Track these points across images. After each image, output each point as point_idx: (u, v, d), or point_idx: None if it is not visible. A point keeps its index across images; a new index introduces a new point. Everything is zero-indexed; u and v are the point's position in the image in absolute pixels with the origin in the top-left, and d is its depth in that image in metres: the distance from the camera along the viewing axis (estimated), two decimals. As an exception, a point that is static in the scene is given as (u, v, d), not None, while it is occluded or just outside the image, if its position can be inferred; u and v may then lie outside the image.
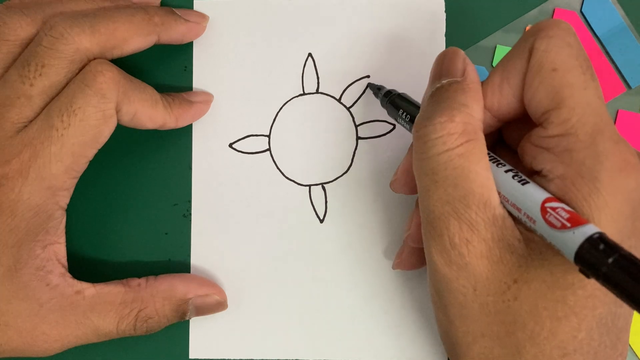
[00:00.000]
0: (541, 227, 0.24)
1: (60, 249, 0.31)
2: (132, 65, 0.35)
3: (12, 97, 0.29)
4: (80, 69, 0.30)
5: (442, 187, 0.26)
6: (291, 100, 0.35)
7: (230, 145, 0.35)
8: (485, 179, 0.25)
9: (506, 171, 0.26)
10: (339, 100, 0.35)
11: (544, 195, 0.24)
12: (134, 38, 0.32)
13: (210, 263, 0.35)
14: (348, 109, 0.35)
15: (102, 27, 0.30)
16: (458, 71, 0.28)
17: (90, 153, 0.31)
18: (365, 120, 0.35)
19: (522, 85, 0.26)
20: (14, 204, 0.29)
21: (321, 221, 0.35)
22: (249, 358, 0.35)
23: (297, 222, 0.35)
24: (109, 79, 0.30)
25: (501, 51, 0.35)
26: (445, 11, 0.35)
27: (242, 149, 0.35)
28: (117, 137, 0.32)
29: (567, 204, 0.24)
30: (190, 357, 0.35)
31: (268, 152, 0.35)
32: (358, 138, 0.35)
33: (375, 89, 0.34)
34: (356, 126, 0.35)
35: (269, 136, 0.35)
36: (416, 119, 0.27)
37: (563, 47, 0.25)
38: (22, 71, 0.29)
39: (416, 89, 0.35)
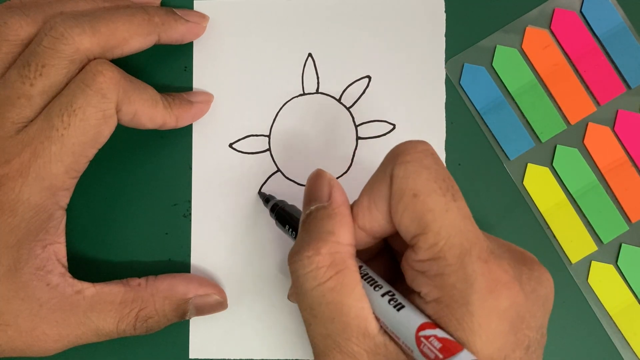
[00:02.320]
0: (418, 357, 0.24)
1: (60, 249, 0.31)
2: (132, 65, 0.35)
3: (12, 97, 0.29)
4: (81, 69, 0.30)
5: (321, 322, 0.25)
6: (291, 100, 0.35)
7: (231, 145, 0.35)
8: (359, 309, 0.25)
9: (383, 295, 0.25)
10: (339, 100, 0.35)
11: (418, 321, 0.24)
12: (134, 38, 0.32)
13: (210, 263, 0.35)
14: (348, 109, 0.35)
15: (103, 27, 0.30)
16: (324, 195, 0.27)
17: (91, 153, 0.31)
18: (365, 120, 0.35)
19: (389, 210, 0.26)
20: (14, 204, 0.29)
21: (321, 221, 0.35)
22: (248, 358, 0.34)
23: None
24: (109, 79, 0.30)
25: (501, 51, 0.35)
26: (445, 11, 0.35)
27: (242, 149, 0.35)
28: (117, 137, 0.32)
29: (444, 328, 0.24)
30: (190, 357, 0.35)
31: (268, 152, 0.35)
32: (358, 138, 0.35)
33: (264, 200, 0.34)
34: (356, 126, 0.35)
35: (269, 136, 0.35)
36: (289, 252, 0.27)
37: (421, 171, 0.25)
38: (22, 71, 0.29)
39: (416, 88, 0.35)
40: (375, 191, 0.26)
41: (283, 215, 0.32)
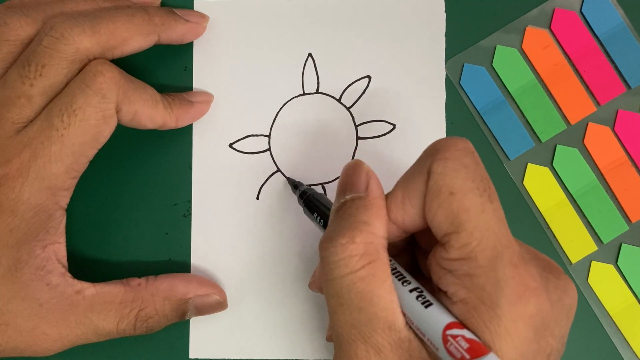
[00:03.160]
0: (444, 355, 0.24)
1: (60, 249, 0.31)
2: (132, 65, 0.35)
3: (12, 97, 0.29)
4: (81, 69, 0.30)
5: (347, 311, 0.25)
6: (291, 100, 0.35)
7: (231, 145, 0.35)
8: (388, 302, 0.25)
9: (411, 290, 0.25)
10: (339, 100, 0.35)
11: (446, 320, 0.24)
12: (134, 38, 0.32)
13: (210, 263, 0.35)
14: (348, 109, 0.35)
15: (103, 27, 0.30)
16: (361, 185, 0.27)
17: (91, 153, 0.31)
18: (365, 120, 0.35)
19: (424, 206, 0.26)
20: (15, 204, 0.29)
21: (321, 221, 0.35)
22: (248, 358, 0.34)
23: (297, 222, 0.35)
24: (109, 79, 0.30)
25: (501, 51, 0.35)
26: (445, 11, 0.35)
27: (242, 149, 0.35)
28: (117, 137, 0.32)
29: (470, 329, 0.24)
30: (190, 357, 0.35)
31: (268, 152, 0.35)
32: (358, 138, 0.35)
33: (293, 186, 0.34)
34: (356, 126, 0.35)
35: (269, 136, 0.35)
36: (321, 239, 0.27)
37: (459, 170, 0.25)
38: (22, 71, 0.29)
39: (416, 88, 0.35)
40: (410, 185, 0.26)
41: (313, 202, 0.32)
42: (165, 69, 0.36)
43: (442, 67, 0.35)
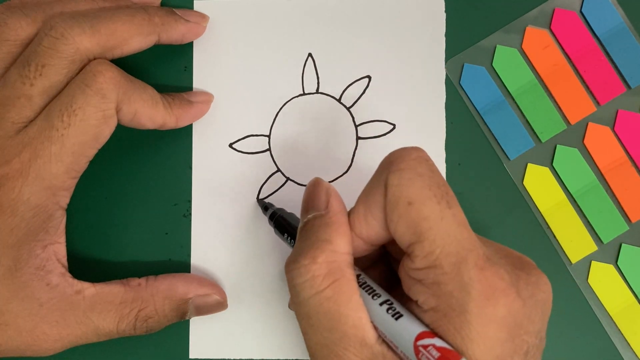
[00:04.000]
0: None
1: (60, 249, 0.31)
2: (132, 65, 0.35)
3: (12, 97, 0.29)
4: (81, 69, 0.30)
5: (318, 331, 0.25)
6: (291, 100, 0.35)
7: (231, 145, 0.35)
8: (357, 319, 0.25)
9: (381, 303, 0.25)
10: (339, 101, 0.35)
11: (417, 330, 0.24)
12: (134, 38, 0.32)
13: (210, 263, 0.35)
14: (348, 109, 0.35)
15: (103, 27, 0.30)
16: (321, 203, 0.27)
17: (91, 153, 0.31)
18: (365, 120, 0.35)
19: (385, 218, 0.26)
20: (15, 204, 0.29)
21: (321, 221, 0.35)
22: (249, 358, 0.34)
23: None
24: (109, 79, 0.30)
25: (501, 51, 0.35)
26: (445, 11, 0.35)
27: (242, 149, 0.35)
28: (117, 137, 0.32)
29: (442, 336, 0.24)
30: (190, 357, 0.35)
31: (268, 152, 0.35)
32: (358, 138, 0.35)
33: (263, 208, 0.34)
34: (356, 126, 0.35)
35: (269, 136, 0.35)
36: (286, 261, 0.27)
37: (415, 179, 0.25)
38: (22, 71, 0.29)
39: (416, 88, 0.35)
40: (370, 199, 0.26)
41: (281, 223, 0.32)
42: (165, 68, 0.36)
43: (442, 67, 0.35)
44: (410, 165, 0.25)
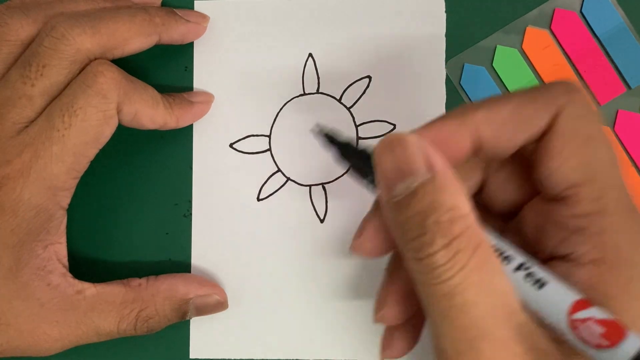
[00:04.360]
0: (574, 342, 0.21)
1: (60, 249, 0.31)
2: (132, 65, 0.35)
3: (13, 98, 0.29)
4: (81, 69, 0.30)
5: (462, 312, 0.21)
6: (292, 101, 0.36)
7: (231, 145, 0.35)
8: (504, 286, 0.22)
9: (515, 269, 0.22)
10: (339, 101, 0.35)
11: (568, 300, 0.21)
12: (135, 38, 0.32)
13: (210, 263, 0.35)
14: (348, 109, 0.35)
15: (103, 27, 0.30)
16: (420, 166, 0.22)
17: (92, 153, 0.31)
18: (365, 121, 0.35)
19: (541, 146, 0.23)
20: (16, 204, 0.29)
21: (322, 221, 0.35)
22: (249, 358, 0.35)
23: (298, 222, 0.35)
24: (110, 80, 0.30)
25: (501, 51, 0.35)
26: (446, 11, 0.35)
27: (243, 149, 0.35)
28: (118, 137, 0.32)
29: (602, 294, 0.21)
30: (190, 357, 0.35)
31: (268, 152, 0.35)
32: (358, 138, 0.35)
33: (327, 138, 0.26)
34: (356, 126, 0.35)
35: (269, 136, 0.35)
36: (404, 246, 0.22)
37: (594, 116, 0.23)
38: (23, 71, 0.29)
39: (416, 88, 0.35)
40: (526, 114, 0.23)
41: (368, 161, 0.24)
42: (166, 69, 0.36)
43: (442, 67, 0.35)
44: (588, 101, 0.23)
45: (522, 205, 0.26)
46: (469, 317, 0.21)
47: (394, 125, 0.35)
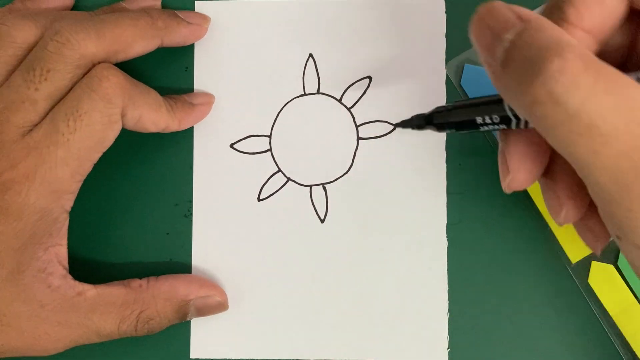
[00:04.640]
0: None
1: (61, 251, 0.31)
2: (133, 66, 0.35)
3: (17, 102, 0.29)
4: (85, 73, 0.30)
5: (604, 137, 0.20)
6: (292, 101, 0.36)
7: (232, 146, 0.36)
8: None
9: None
10: (339, 101, 0.35)
11: None
12: (138, 42, 0.32)
13: (211, 263, 0.35)
14: (349, 109, 0.35)
15: (107, 31, 0.30)
16: (512, 20, 0.22)
17: (96, 156, 0.31)
18: (366, 121, 0.35)
19: None
20: (21, 208, 0.29)
21: (322, 221, 0.35)
22: (249, 358, 0.35)
23: (298, 222, 0.35)
24: (115, 84, 0.30)
25: (501, 51, 0.35)
26: (446, 11, 0.35)
27: (243, 150, 0.36)
28: (119, 137, 0.32)
29: None
30: (191, 357, 0.35)
31: (269, 152, 0.35)
32: (359, 138, 0.35)
33: (422, 120, 0.29)
34: (357, 126, 0.35)
35: (269, 136, 0.35)
36: (512, 94, 0.22)
37: None
38: (27, 76, 0.30)
39: (416, 88, 0.35)
40: None
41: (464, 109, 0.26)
42: (167, 69, 0.36)
43: (443, 68, 0.35)
44: None
45: None
46: (616, 141, 0.20)
47: (395, 125, 0.35)
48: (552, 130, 0.21)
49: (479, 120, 0.26)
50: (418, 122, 0.29)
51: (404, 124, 0.30)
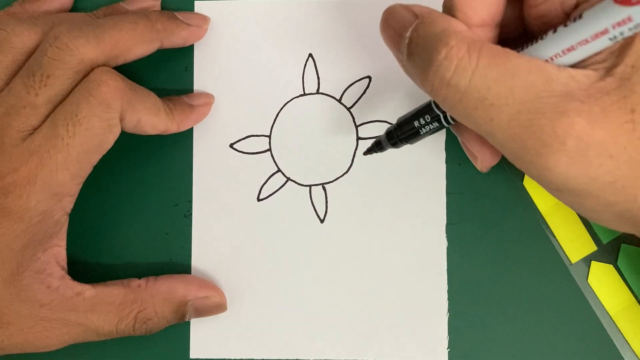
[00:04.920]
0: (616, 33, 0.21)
1: (60, 252, 0.31)
2: (132, 66, 0.35)
3: (17, 106, 0.30)
4: (84, 77, 0.30)
5: (501, 105, 0.23)
6: (292, 101, 0.36)
7: (231, 146, 0.36)
8: (526, 63, 0.23)
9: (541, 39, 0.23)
10: (339, 101, 0.35)
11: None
12: (138, 46, 0.32)
13: (210, 263, 0.35)
14: (348, 109, 0.35)
15: (107, 36, 0.30)
16: (409, 19, 0.26)
17: (95, 159, 0.31)
18: (365, 121, 0.35)
19: None
20: (22, 211, 0.29)
21: (322, 221, 0.35)
22: (249, 358, 0.35)
23: (298, 222, 0.35)
24: (114, 89, 0.30)
25: (501, 51, 0.35)
26: (445, 11, 0.35)
27: (243, 149, 0.36)
28: (119, 137, 0.32)
29: None
30: (190, 357, 0.35)
31: (269, 152, 0.35)
32: (358, 138, 0.35)
33: (384, 140, 0.32)
34: (356, 126, 0.35)
35: (269, 136, 0.36)
36: (423, 79, 0.24)
37: None
38: (27, 81, 0.30)
39: (416, 88, 0.35)
40: None
41: (405, 124, 0.29)
42: (166, 69, 0.36)
43: (442, 68, 0.35)
44: None
45: None
46: (509, 107, 0.23)
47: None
48: (453, 109, 0.24)
49: (416, 124, 0.29)
50: (378, 147, 0.32)
51: (369, 151, 0.33)
